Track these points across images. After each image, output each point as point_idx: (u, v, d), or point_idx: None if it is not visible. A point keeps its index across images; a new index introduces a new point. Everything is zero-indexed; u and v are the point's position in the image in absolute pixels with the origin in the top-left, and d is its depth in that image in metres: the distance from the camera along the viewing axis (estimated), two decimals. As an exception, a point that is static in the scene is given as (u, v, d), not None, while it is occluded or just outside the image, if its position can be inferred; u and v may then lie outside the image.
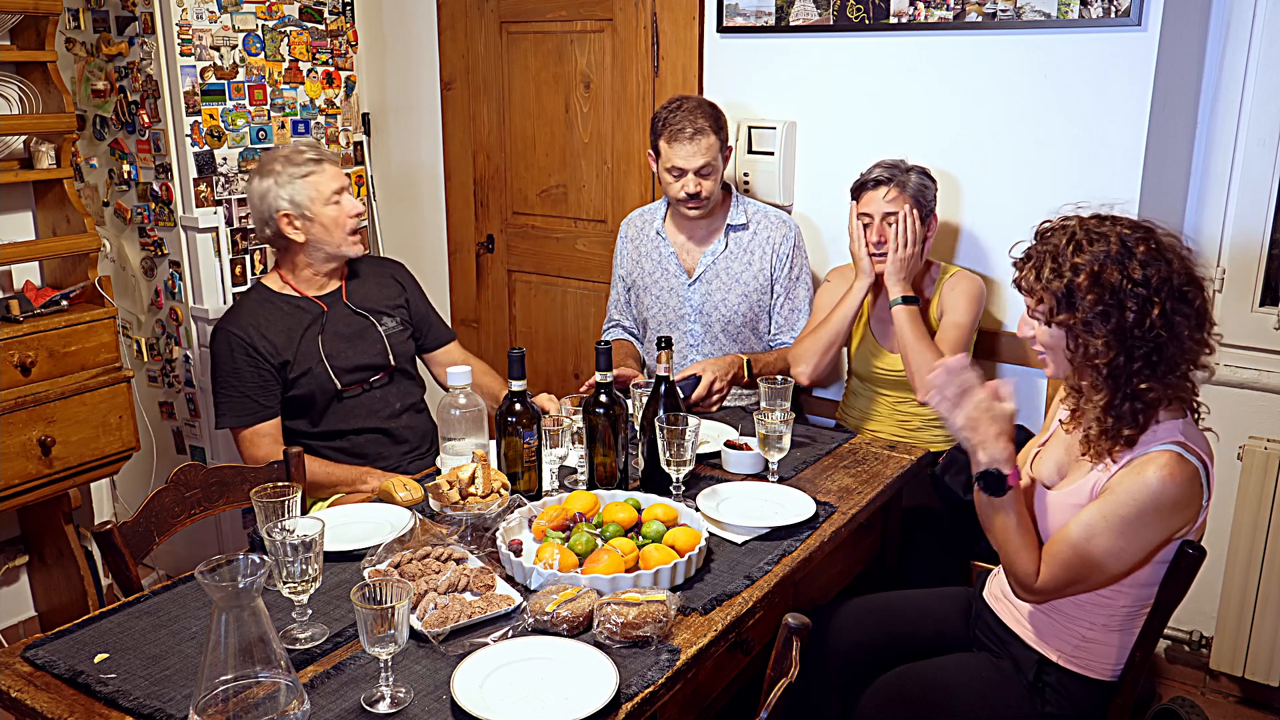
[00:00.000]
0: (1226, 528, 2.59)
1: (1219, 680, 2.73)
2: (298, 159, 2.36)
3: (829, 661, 1.94)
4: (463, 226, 3.66)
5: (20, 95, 2.68)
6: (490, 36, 3.41)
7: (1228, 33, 2.49)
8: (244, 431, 2.33)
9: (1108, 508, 1.61)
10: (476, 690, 1.37)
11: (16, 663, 1.48)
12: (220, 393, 2.34)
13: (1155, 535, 1.62)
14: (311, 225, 2.36)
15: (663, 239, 2.75)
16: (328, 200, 2.35)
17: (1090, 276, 1.59)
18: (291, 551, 1.44)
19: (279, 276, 2.45)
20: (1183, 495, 1.59)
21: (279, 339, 2.34)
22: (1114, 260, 1.59)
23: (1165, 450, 1.60)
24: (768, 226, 2.69)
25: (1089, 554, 1.62)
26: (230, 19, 3.02)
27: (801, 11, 2.78)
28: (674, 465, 1.91)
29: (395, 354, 2.48)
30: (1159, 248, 1.60)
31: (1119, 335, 1.59)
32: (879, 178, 2.45)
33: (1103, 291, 1.59)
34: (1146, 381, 1.61)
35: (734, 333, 2.71)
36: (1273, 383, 2.55)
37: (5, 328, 2.56)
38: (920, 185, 2.44)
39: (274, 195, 2.34)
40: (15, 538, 3.04)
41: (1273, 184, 2.52)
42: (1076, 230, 1.64)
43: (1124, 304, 1.58)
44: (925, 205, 2.46)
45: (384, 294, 2.55)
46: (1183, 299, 1.59)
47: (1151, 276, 1.58)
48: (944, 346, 2.43)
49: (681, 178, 2.57)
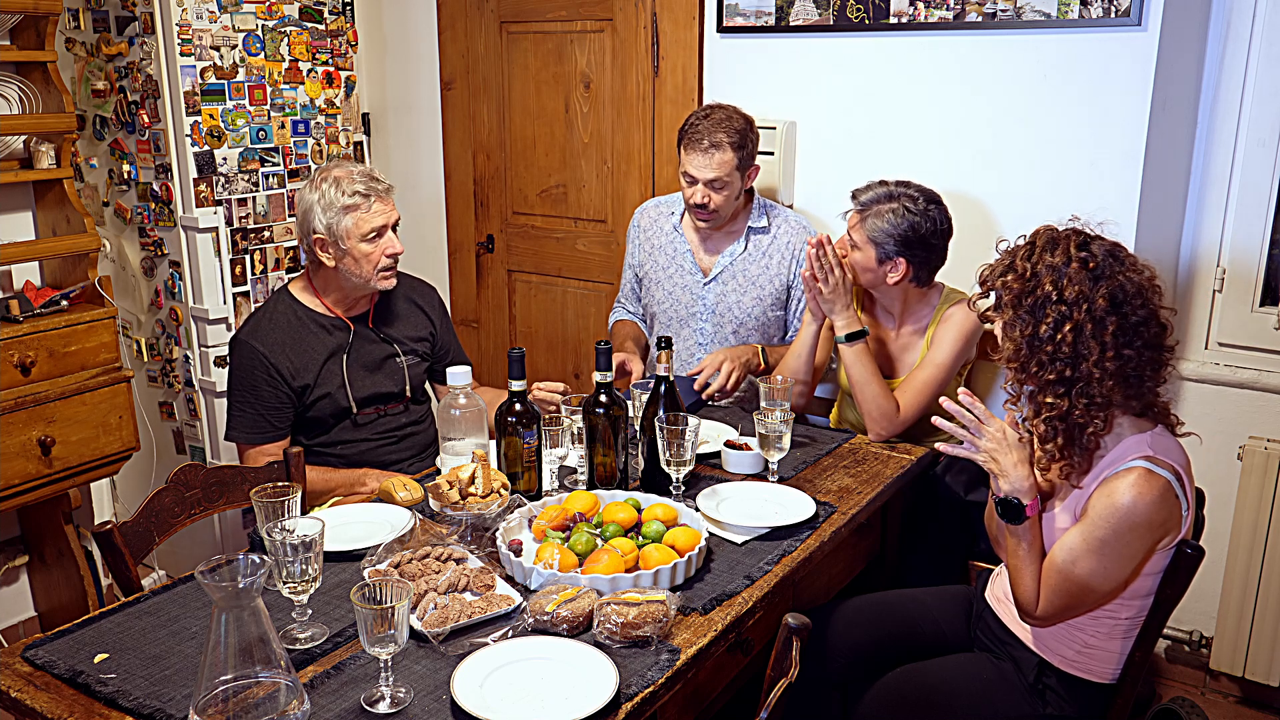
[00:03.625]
0: (1226, 528, 2.58)
1: (1219, 680, 2.73)
2: (346, 188, 2.27)
3: (829, 661, 1.94)
4: (463, 226, 3.66)
5: (20, 95, 2.68)
6: (490, 36, 3.41)
7: (1228, 33, 2.49)
8: (250, 450, 2.32)
9: (1086, 530, 1.63)
10: (476, 690, 1.37)
11: (16, 663, 1.48)
12: (235, 406, 2.32)
13: (1136, 552, 1.63)
14: (344, 256, 2.29)
15: (679, 234, 2.74)
16: (364, 237, 2.27)
17: (1021, 281, 1.65)
18: (291, 551, 1.44)
19: (309, 287, 2.39)
20: (1156, 511, 1.60)
21: (301, 360, 2.32)
22: (1050, 270, 1.63)
23: (1131, 467, 1.61)
24: (788, 231, 2.69)
25: (1076, 577, 1.64)
26: (230, 19, 3.02)
27: (801, 11, 2.78)
28: (674, 465, 1.91)
29: (413, 386, 2.47)
30: (1098, 273, 1.62)
31: (1031, 343, 1.63)
32: (855, 201, 2.36)
33: (1025, 298, 1.64)
34: (1054, 396, 1.63)
35: (744, 335, 2.70)
36: (1273, 383, 2.55)
37: (5, 328, 2.56)
38: (886, 227, 2.27)
39: (314, 215, 2.28)
40: (15, 538, 3.04)
41: (1273, 184, 2.52)
42: (1040, 236, 1.69)
43: (1043, 315, 1.62)
44: (881, 245, 2.29)
45: (410, 324, 2.50)
46: (1101, 326, 1.60)
47: (1072, 297, 1.60)
48: (912, 385, 2.30)
49: (693, 185, 2.55)
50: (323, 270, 2.36)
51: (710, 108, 2.57)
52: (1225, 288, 2.62)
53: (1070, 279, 1.61)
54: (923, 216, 2.28)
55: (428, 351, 2.53)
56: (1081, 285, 1.60)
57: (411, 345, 2.48)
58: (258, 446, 2.31)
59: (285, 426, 2.33)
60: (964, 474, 2.32)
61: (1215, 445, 2.54)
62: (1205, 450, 2.20)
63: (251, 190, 3.14)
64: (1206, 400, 2.60)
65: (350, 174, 2.29)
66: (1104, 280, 1.61)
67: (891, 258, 2.30)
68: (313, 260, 2.36)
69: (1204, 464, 2.23)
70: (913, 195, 2.30)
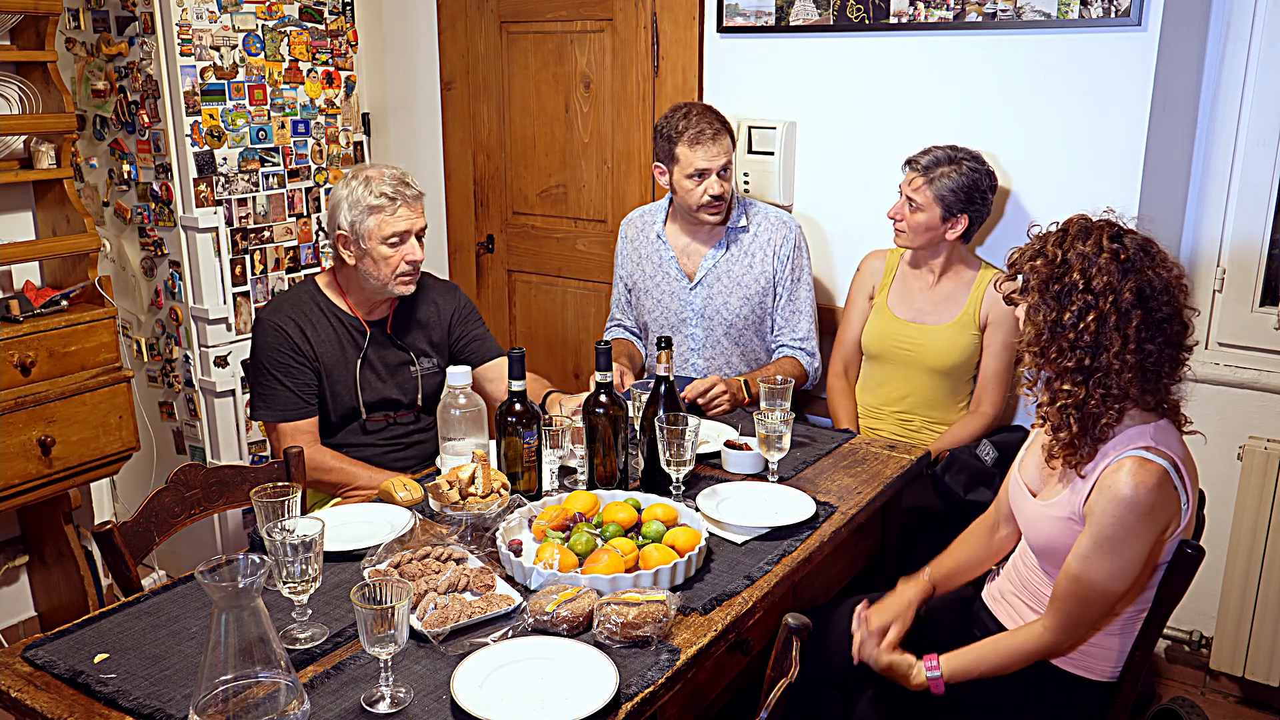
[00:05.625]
0: (1226, 528, 2.59)
1: (1219, 680, 2.73)
2: (375, 189, 2.26)
3: (829, 661, 1.94)
4: (463, 226, 3.66)
5: (20, 95, 2.68)
6: (490, 36, 3.41)
7: (1228, 33, 2.49)
8: (284, 425, 2.30)
9: (1093, 532, 1.63)
10: (476, 690, 1.37)
11: (16, 663, 1.48)
12: (262, 384, 2.31)
13: (1144, 544, 1.63)
14: (364, 256, 2.29)
15: (663, 242, 2.75)
16: (385, 239, 2.27)
17: (1050, 267, 1.65)
18: (291, 551, 1.44)
19: (334, 283, 2.39)
20: (1155, 497, 1.60)
21: (320, 348, 2.32)
22: (1080, 258, 1.63)
23: (1125, 458, 1.61)
24: (769, 228, 2.69)
25: (1091, 581, 1.64)
26: (230, 19, 3.02)
27: (801, 11, 2.78)
28: (674, 465, 1.91)
29: (425, 395, 2.46)
30: (1129, 266, 1.62)
31: (1053, 329, 1.64)
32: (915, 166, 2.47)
33: (1052, 284, 1.64)
34: (1072, 384, 1.63)
35: (736, 336, 2.71)
36: (1273, 383, 2.55)
37: (5, 328, 2.56)
38: (952, 185, 2.42)
39: (341, 212, 2.28)
40: (15, 538, 3.04)
41: (1273, 184, 2.52)
42: (1073, 224, 1.68)
43: (1068, 302, 1.62)
44: (947, 204, 2.44)
45: (429, 330, 2.48)
46: (1125, 319, 1.60)
47: (1100, 288, 1.61)
48: (988, 381, 2.51)
49: (704, 180, 2.56)
50: (346, 268, 2.35)
51: (683, 107, 2.60)
52: (1225, 287, 2.62)
53: (1100, 269, 1.61)
54: (983, 175, 2.46)
55: (444, 362, 2.47)
56: (1110, 276, 1.61)
57: (427, 352, 2.46)
58: (293, 423, 2.30)
59: (314, 403, 2.33)
60: (964, 474, 2.32)
61: (1215, 445, 2.54)
62: (1205, 450, 2.20)
63: (251, 190, 3.14)
64: (1206, 400, 2.60)
65: (382, 175, 2.29)
66: (1133, 274, 1.61)
67: (955, 215, 2.46)
68: (336, 257, 2.35)
69: (1204, 464, 2.22)
70: (969, 155, 2.46)
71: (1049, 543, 1.74)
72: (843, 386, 2.71)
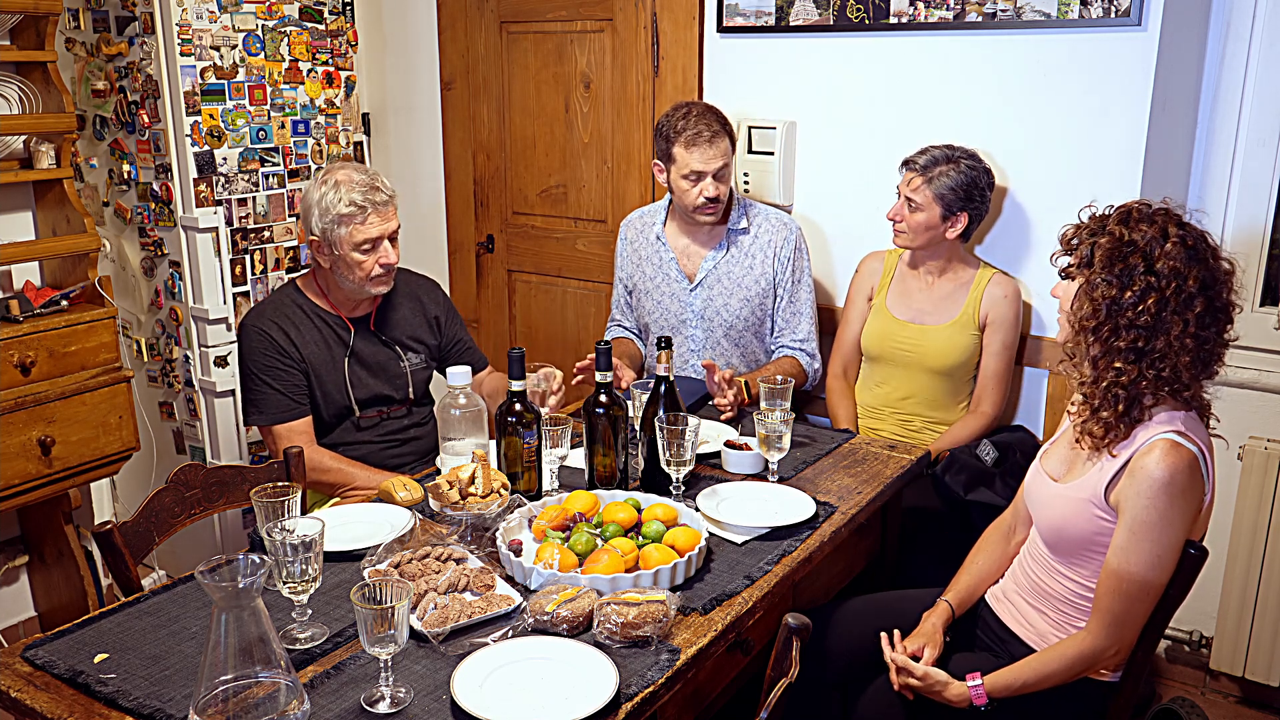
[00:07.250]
0: (1226, 528, 2.58)
1: (1219, 680, 2.73)
2: (345, 195, 2.24)
3: (829, 661, 1.94)
4: (463, 226, 3.66)
5: (20, 95, 2.68)
6: (490, 36, 3.41)
7: (1228, 33, 2.49)
8: (279, 428, 2.31)
9: (1128, 520, 1.63)
10: (476, 690, 1.37)
11: (16, 663, 1.48)
12: (251, 390, 2.31)
13: (1179, 530, 1.64)
14: (337, 261, 2.29)
15: (663, 244, 2.74)
16: (357, 247, 2.26)
17: (1115, 245, 1.64)
18: (291, 551, 1.44)
19: (315, 283, 2.40)
20: (1188, 479, 1.61)
21: (305, 349, 2.33)
22: (1146, 241, 1.63)
23: (1155, 441, 1.62)
24: (769, 230, 2.69)
25: (1131, 573, 1.64)
26: (230, 19, 3.02)
27: (801, 11, 2.78)
28: (674, 465, 1.91)
29: (415, 389, 2.47)
30: (1194, 254, 1.63)
31: (1111, 307, 1.64)
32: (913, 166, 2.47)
33: (1116, 263, 1.64)
34: (1124, 363, 1.64)
35: (736, 337, 2.70)
36: (1273, 383, 2.55)
37: (5, 328, 2.56)
38: (950, 184, 2.43)
39: (313, 218, 2.28)
40: (15, 538, 3.04)
41: (1273, 184, 2.52)
42: (1133, 209, 1.69)
43: (1130, 283, 1.62)
44: (947, 202, 2.44)
45: (413, 324, 2.49)
46: (1188, 304, 1.62)
47: (1166, 271, 1.61)
48: (988, 381, 2.52)
49: (700, 182, 2.55)
50: (323, 269, 2.37)
51: (684, 106, 2.59)
52: (1225, 288, 2.61)
53: (1166, 254, 1.62)
54: (981, 172, 2.46)
55: (432, 354, 2.52)
56: (1177, 262, 1.61)
57: (413, 345, 2.48)
58: (287, 425, 2.30)
59: (306, 404, 2.33)
60: (964, 474, 2.32)
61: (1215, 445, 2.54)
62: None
63: (251, 190, 3.14)
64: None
65: (351, 180, 2.27)
66: (1198, 262, 1.63)
67: (955, 213, 2.46)
68: (313, 258, 2.37)
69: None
70: (966, 154, 2.46)
71: (1060, 523, 1.74)
72: (842, 387, 2.71)
